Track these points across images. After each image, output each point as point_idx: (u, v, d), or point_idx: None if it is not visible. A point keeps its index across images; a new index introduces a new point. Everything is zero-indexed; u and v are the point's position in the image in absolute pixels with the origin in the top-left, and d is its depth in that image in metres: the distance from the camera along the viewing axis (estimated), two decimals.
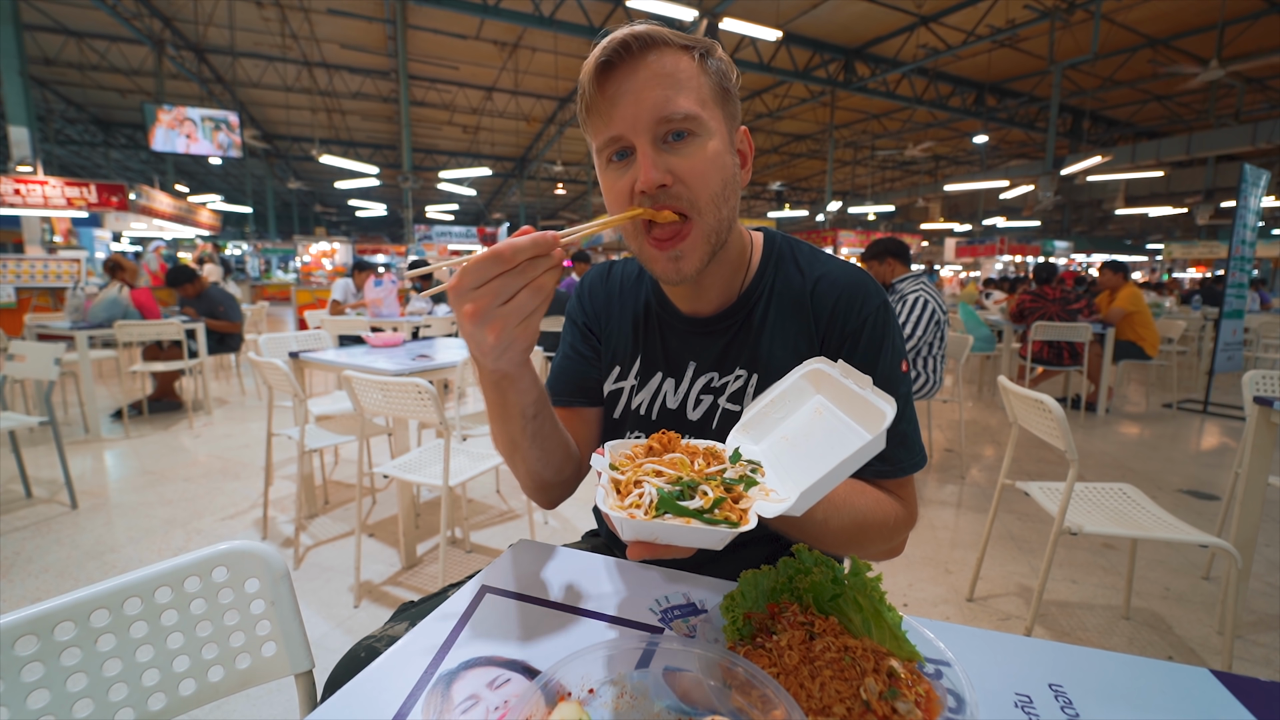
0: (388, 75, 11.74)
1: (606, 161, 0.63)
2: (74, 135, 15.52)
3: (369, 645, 0.62)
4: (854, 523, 0.63)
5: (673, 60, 0.59)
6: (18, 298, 6.45)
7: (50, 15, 9.28)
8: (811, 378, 0.56)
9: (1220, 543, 1.38)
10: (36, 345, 2.45)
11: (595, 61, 0.59)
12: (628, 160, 0.62)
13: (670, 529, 0.41)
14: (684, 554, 0.44)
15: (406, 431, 2.14)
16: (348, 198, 19.36)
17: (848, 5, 8.68)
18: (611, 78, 0.59)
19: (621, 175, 0.62)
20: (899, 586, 1.97)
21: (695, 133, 0.60)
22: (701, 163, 0.61)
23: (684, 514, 0.42)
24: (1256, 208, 4.54)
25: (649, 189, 0.60)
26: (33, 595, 1.86)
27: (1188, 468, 3.21)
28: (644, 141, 0.59)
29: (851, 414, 0.48)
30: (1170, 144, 11.34)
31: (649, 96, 0.58)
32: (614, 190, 0.63)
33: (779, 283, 0.74)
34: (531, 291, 0.48)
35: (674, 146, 0.60)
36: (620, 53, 0.58)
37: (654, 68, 0.59)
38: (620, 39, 0.58)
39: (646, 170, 0.59)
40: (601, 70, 0.59)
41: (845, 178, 20.44)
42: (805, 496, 0.42)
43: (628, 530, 0.41)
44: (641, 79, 0.59)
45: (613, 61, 0.58)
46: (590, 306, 0.84)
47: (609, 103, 0.59)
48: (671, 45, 0.60)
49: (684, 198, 0.61)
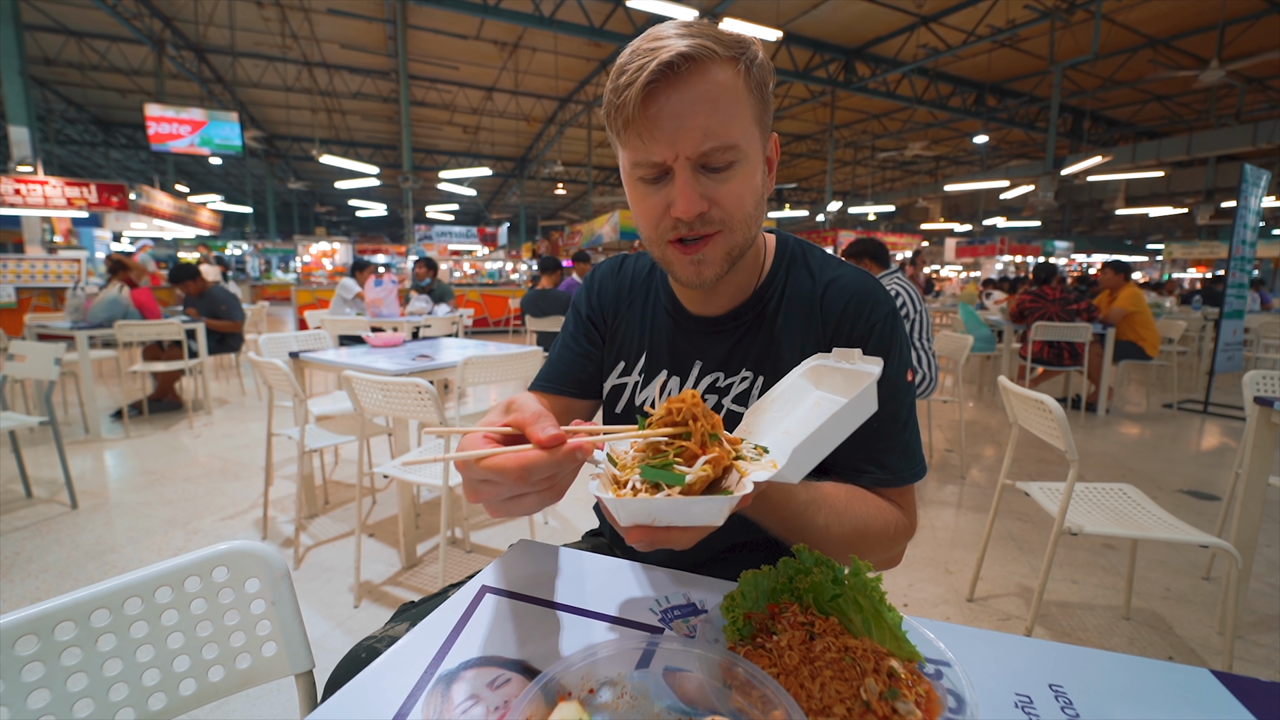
0: (388, 75, 11.75)
1: (638, 179, 0.61)
2: (74, 135, 15.52)
3: (369, 646, 0.62)
4: (855, 530, 0.63)
5: (719, 76, 0.56)
6: (18, 298, 6.46)
7: (50, 15, 9.29)
8: (811, 375, 0.56)
9: (1221, 543, 1.38)
10: (36, 345, 2.45)
11: (642, 82, 0.54)
12: (662, 182, 0.60)
13: (667, 505, 0.39)
14: (686, 541, 0.41)
15: (406, 431, 2.14)
16: (348, 198, 19.36)
17: (848, 5, 8.68)
18: (655, 96, 0.56)
19: (654, 194, 0.61)
20: (899, 587, 1.96)
21: (736, 161, 0.59)
22: (739, 188, 0.60)
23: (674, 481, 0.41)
24: (1257, 208, 4.54)
25: (687, 218, 0.59)
26: (33, 595, 1.86)
27: (1188, 468, 3.21)
28: (684, 169, 0.58)
29: (845, 392, 0.48)
30: (1170, 144, 11.35)
31: (695, 124, 0.56)
32: (644, 206, 0.62)
33: (790, 286, 0.73)
34: (541, 499, 0.42)
35: (712, 174, 0.59)
36: (667, 73, 0.55)
37: (700, 89, 0.56)
38: (668, 61, 0.54)
39: (687, 200, 0.58)
40: (647, 87, 0.55)
41: (845, 178, 20.44)
42: (795, 457, 0.42)
43: (623, 514, 0.40)
44: (688, 101, 0.56)
45: (658, 80, 0.55)
46: (598, 300, 0.83)
47: (650, 123, 0.56)
48: (719, 58, 0.57)
49: (717, 220, 0.61)
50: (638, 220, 0.65)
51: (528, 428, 0.40)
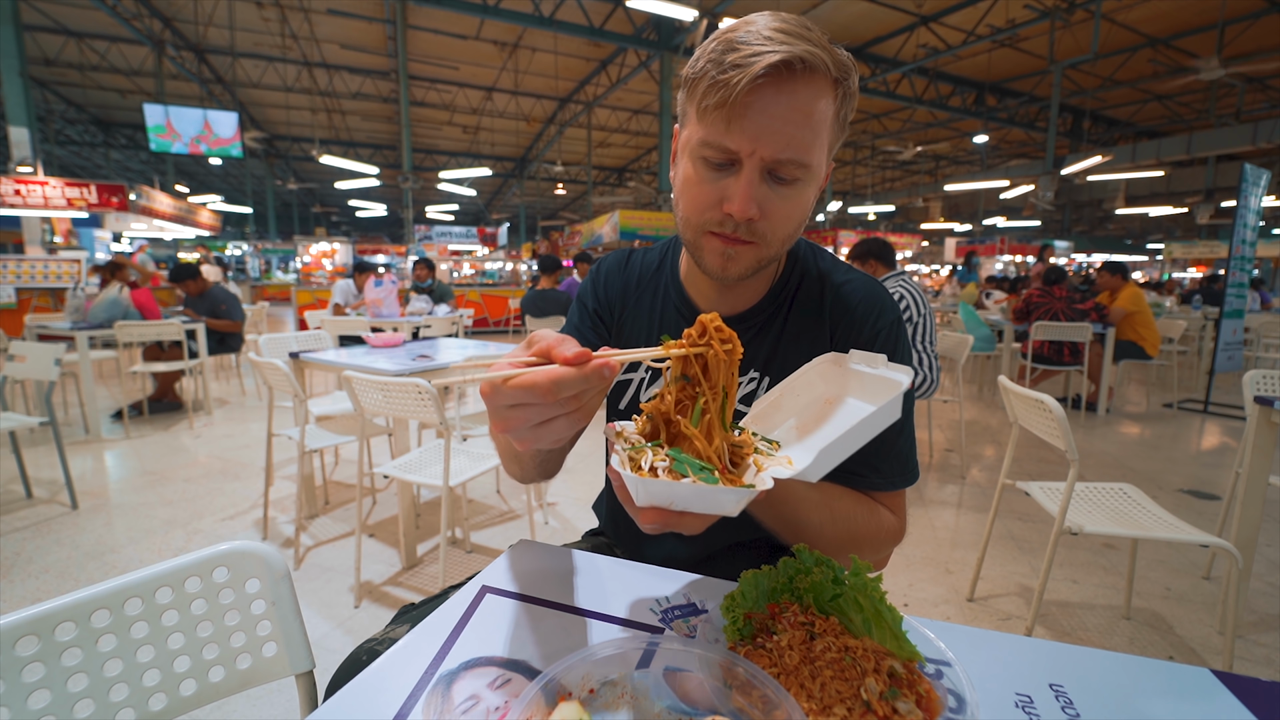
0: (388, 75, 11.76)
1: (702, 158, 0.60)
2: (74, 135, 15.53)
3: (370, 648, 0.62)
4: (847, 531, 0.64)
5: (820, 93, 0.56)
6: (18, 298, 6.46)
7: (50, 15, 9.29)
8: (824, 372, 0.57)
9: (1221, 542, 1.37)
10: (37, 346, 2.45)
11: (755, 72, 0.53)
12: (725, 171, 0.59)
13: (687, 491, 0.40)
14: (697, 526, 0.42)
15: (406, 431, 2.14)
16: (348, 198, 19.37)
17: (848, 5, 8.69)
18: (761, 89, 0.54)
19: (713, 180, 0.60)
20: (899, 586, 1.97)
21: (801, 180, 0.59)
22: (793, 207, 0.60)
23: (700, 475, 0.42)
24: (1257, 207, 4.54)
25: (740, 218, 0.58)
26: (33, 595, 1.86)
27: (1188, 468, 3.21)
28: (753, 169, 0.57)
29: (864, 396, 0.49)
30: (1170, 144, 11.34)
31: (783, 132, 0.55)
32: (698, 190, 0.61)
33: (800, 289, 0.74)
34: (571, 421, 0.41)
35: (775, 184, 0.59)
36: (782, 71, 0.54)
37: (799, 99, 0.55)
38: (788, 61, 0.53)
39: (744, 202, 0.57)
40: (758, 78, 0.54)
41: (845, 178, 20.44)
42: (823, 456, 0.42)
43: (642, 494, 0.40)
44: (784, 106, 0.55)
45: (769, 75, 0.54)
46: (604, 294, 0.82)
47: (743, 111, 0.55)
48: (824, 76, 0.56)
49: (759, 232, 0.60)
50: (683, 199, 0.64)
51: (552, 350, 0.40)
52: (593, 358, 0.39)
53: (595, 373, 0.38)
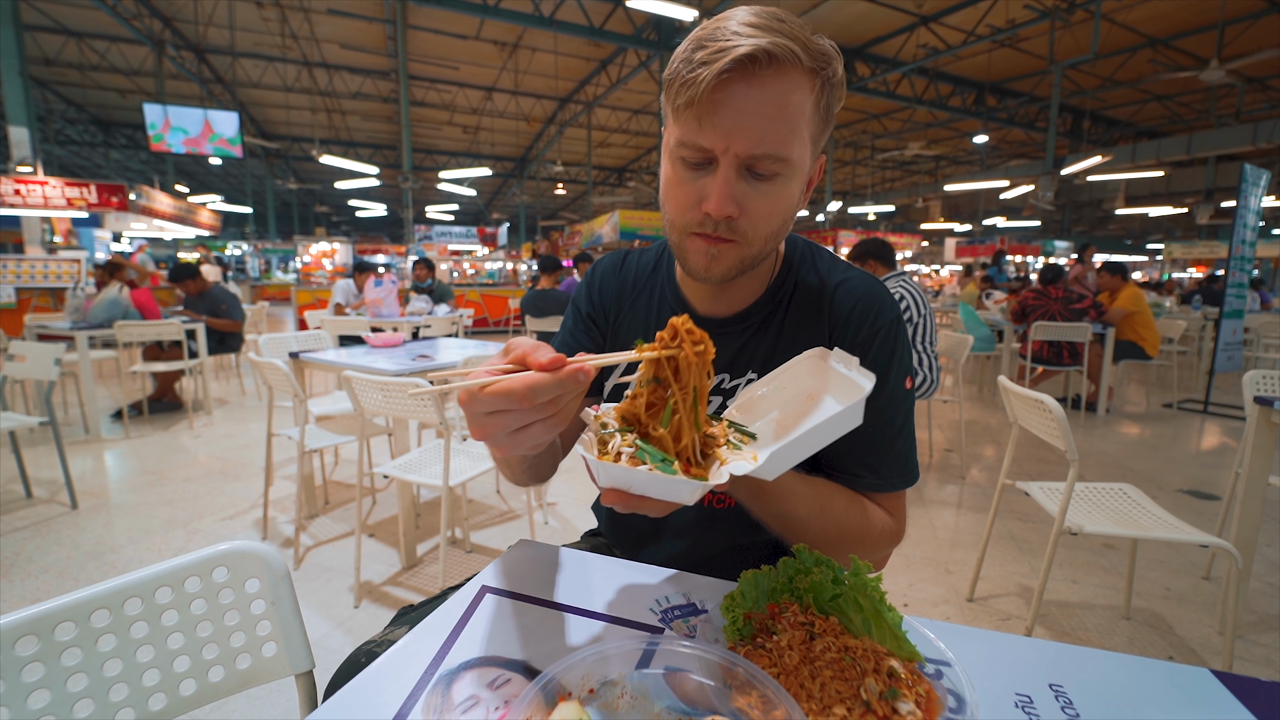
0: (388, 75, 11.75)
1: (680, 158, 0.60)
2: (74, 135, 15.53)
3: (369, 650, 0.62)
4: (837, 529, 0.64)
5: (795, 85, 0.55)
6: (18, 298, 6.45)
7: (50, 15, 9.29)
8: (810, 366, 0.57)
9: (1221, 543, 1.38)
10: (36, 345, 2.45)
11: (719, 69, 0.52)
12: (703, 170, 0.59)
13: (644, 478, 0.42)
14: (658, 510, 0.44)
15: (406, 431, 2.14)
16: (348, 198, 19.36)
17: (848, 5, 8.69)
18: (727, 85, 0.54)
19: (691, 180, 0.59)
20: (899, 586, 1.97)
21: (781, 174, 0.58)
22: (774, 203, 0.59)
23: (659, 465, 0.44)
24: (1257, 207, 4.54)
25: (717, 216, 0.58)
26: (33, 595, 1.86)
27: (1188, 468, 3.21)
28: (729, 166, 0.56)
29: (840, 396, 0.50)
30: (1170, 144, 11.34)
31: (755, 126, 0.54)
32: (679, 191, 0.61)
33: (798, 289, 0.73)
34: (548, 426, 0.41)
35: (754, 180, 0.58)
36: (746, 65, 0.53)
37: (772, 92, 0.54)
38: (751, 55, 0.52)
39: (721, 200, 0.57)
40: (722, 74, 0.53)
41: (845, 178, 20.44)
42: (774, 458, 0.44)
43: (603, 476, 0.43)
44: (754, 100, 0.54)
45: (734, 70, 0.53)
46: (600, 297, 0.82)
47: (712, 109, 0.54)
48: (800, 67, 0.54)
49: (741, 230, 0.60)
50: (667, 201, 0.63)
51: (528, 357, 0.41)
52: (568, 363, 0.40)
53: (570, 377, 0.40)
